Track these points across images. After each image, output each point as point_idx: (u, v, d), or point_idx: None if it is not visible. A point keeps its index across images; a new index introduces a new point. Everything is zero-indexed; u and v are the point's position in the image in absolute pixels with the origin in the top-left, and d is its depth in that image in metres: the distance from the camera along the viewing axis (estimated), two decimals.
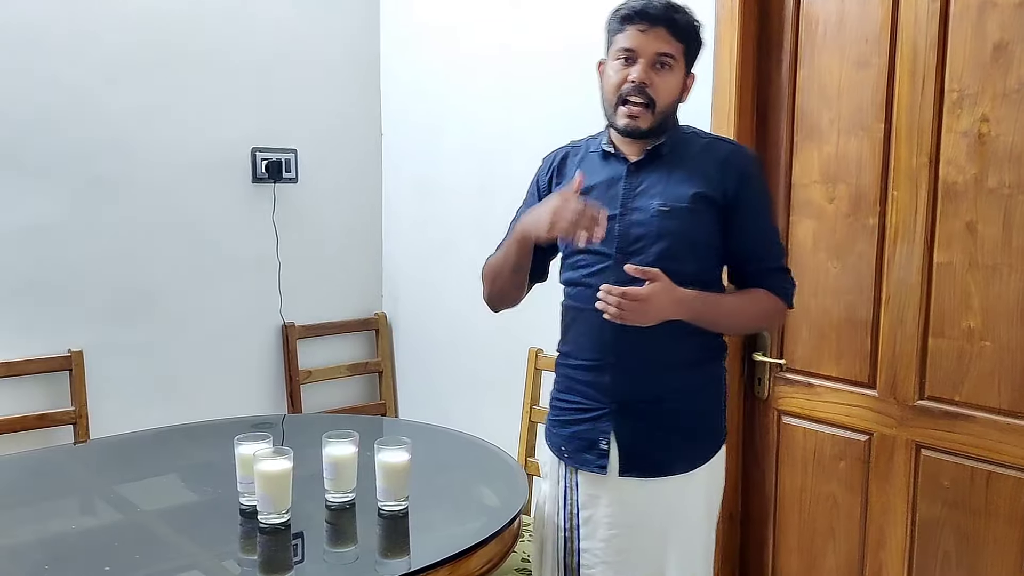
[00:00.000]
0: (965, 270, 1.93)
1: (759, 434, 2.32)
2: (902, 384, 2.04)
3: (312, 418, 2.91)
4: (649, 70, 1.69)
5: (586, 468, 1.77)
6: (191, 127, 2.89)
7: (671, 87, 1.72)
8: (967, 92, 1.90)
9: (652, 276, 1.62)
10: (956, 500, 1.96)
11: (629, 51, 1.69)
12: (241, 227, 3.03)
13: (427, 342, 3.27)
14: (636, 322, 1.63)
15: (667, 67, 1.70)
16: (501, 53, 2.86)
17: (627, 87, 1.69)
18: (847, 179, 2.10)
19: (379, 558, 1.71)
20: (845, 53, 2.09)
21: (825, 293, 2.15)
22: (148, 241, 2.83)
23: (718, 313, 1.74)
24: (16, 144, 2.57)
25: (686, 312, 1.67)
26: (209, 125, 2.92)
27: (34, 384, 2.64)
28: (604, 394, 1.76)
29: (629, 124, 1.71)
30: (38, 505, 1.93)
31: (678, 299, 1.65)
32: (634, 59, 1.69)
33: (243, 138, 3.00)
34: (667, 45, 1.69)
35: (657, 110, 1.70)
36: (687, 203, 1.71)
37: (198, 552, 1.73)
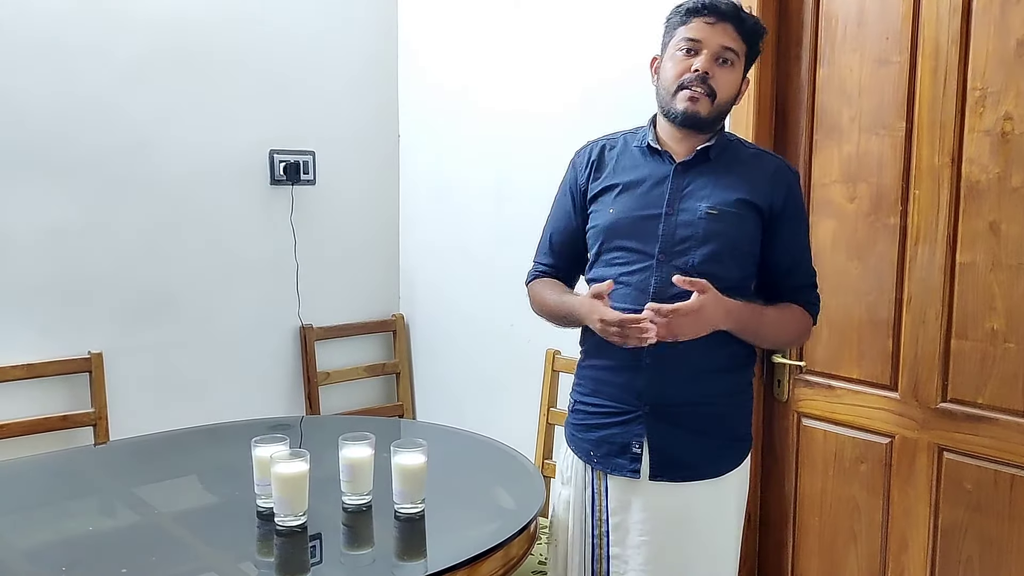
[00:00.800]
0: (988, 270, 1.90)
1: (779, 436, 2.30)
2: (924, 386, 2.01)
3: (330, 420, 2.90)
4: (712, 62, 1.68)
5: (618, 473, 1.75)
6: (209, 130, 2.90)
7: (731, 83, 1.71)
8: (990, 90, 1.87)
9: (701, 287, 1.59)
10: (979, 504, 1.94)
11: (694, 41, 1.68)
12: (259, 229, 3.04)
13: (444, 344, 3.27)
14: (688, 336, 1.61)
15: (729, 63, 1.69)
16: (520, 55, 2.86)
17: (689, 76, 1.68)
18: (868, 178, 2.08)
19: (396, 560, 1.70)
20: (866, 50, 2.06)
21: (846, 294, 2.13)
22: (167, 243, 2.84)
23: (760, 324, 1.72)
24: (37, 148, 2.59)
25: (733, 323, 1.66)
26: (227, 128, 2.93)
27: (54, 386, 2.65)
28: (637, 397, 1.73)
29: (689, 108, 1.68)
30: (57, 506, 1.94)
31: (727, 310, 1.64)
32: (698, 50, 1.68)
33: (261, 140, 3.00)
34: (732, 41, 1.68)
35: (716, 102, 1.69)
36: (734, 208, 1.70)
37: (215, 554, 1.73)
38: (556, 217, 1.92)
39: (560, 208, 1.91)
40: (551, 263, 1.93)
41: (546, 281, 1.92)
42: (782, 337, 1.87)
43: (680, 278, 1.60)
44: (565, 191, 1.91)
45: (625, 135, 1.86)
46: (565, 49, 2.68)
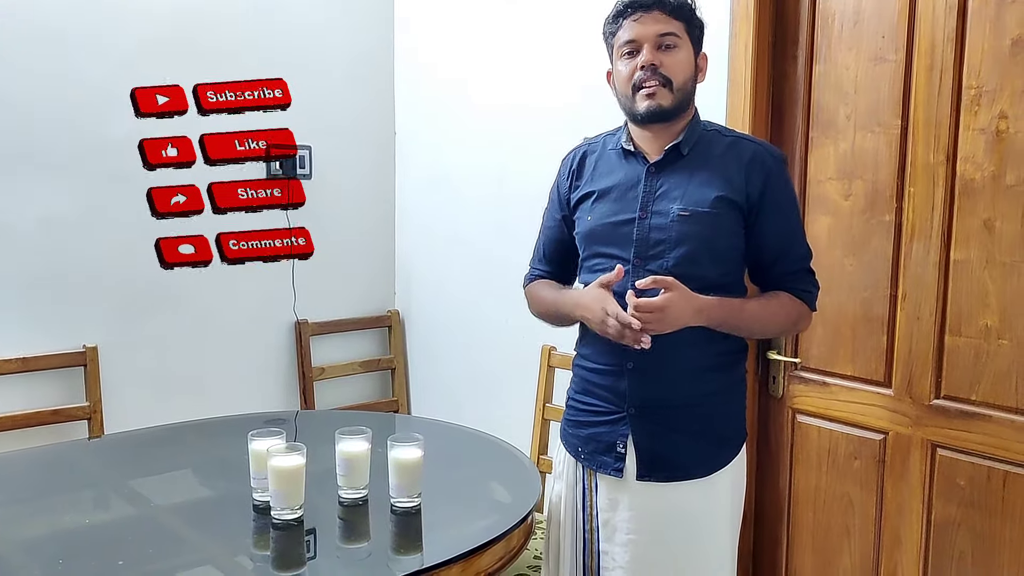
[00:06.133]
0: (982, 268, 1.91)
1: (773, 433, 2.31)
2: (918, 383, 2.02)
3: (325, 414, 2.91)
4: (655, 52, 1.67)
5: (603, 471, 1.75)
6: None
7: (682, 64, 1.69)
8: (985, 88, 1.88)
9: (666, 285, 1.59)
10: (972, 500, 1.95)
11: (631, 43, 1.68)
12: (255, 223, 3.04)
13: (440, 339, 3.27)
14: (656, 331, 1.60)
15: (673, 46, 1.68)
16: (518, 47, 2.86)
17: (639, 74, 1.67)
18: (863, 175, 2.08)
19: (392, 554, 1.71)
20: (862, 48, 2.07)
21: (840, 291, 2.13)
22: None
23: (741, 319, 1.70)
24: (33, 139, 2.58)
25: (706, 320, 1.65)
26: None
27: (49, 380, 2.65)
28: (621, 398, 1.74)
29: (651, 105, 1.67)
30: (52, 500, 1.94)
31: (697, 307, 1.62)
32: (638, 49, 1.68)
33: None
34: (666, 25, 1.67)
35: (675, 87, 1.67)
36: (708, 207, 1.68)
37: (211, 547, 1.73)
38: (547, 225, 1.94)
39: (549, 216, 1.93)
40: (546, 269, 1.95)
41: (543, 282, 1.93)
42: (770, 328, 1.84)
43: (643, 281, 1.59)
44: (553, 198, 1.92)
45: (605, 137, 1.85)
46: (564, 41, 2.68)
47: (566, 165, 1.89)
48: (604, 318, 1.64)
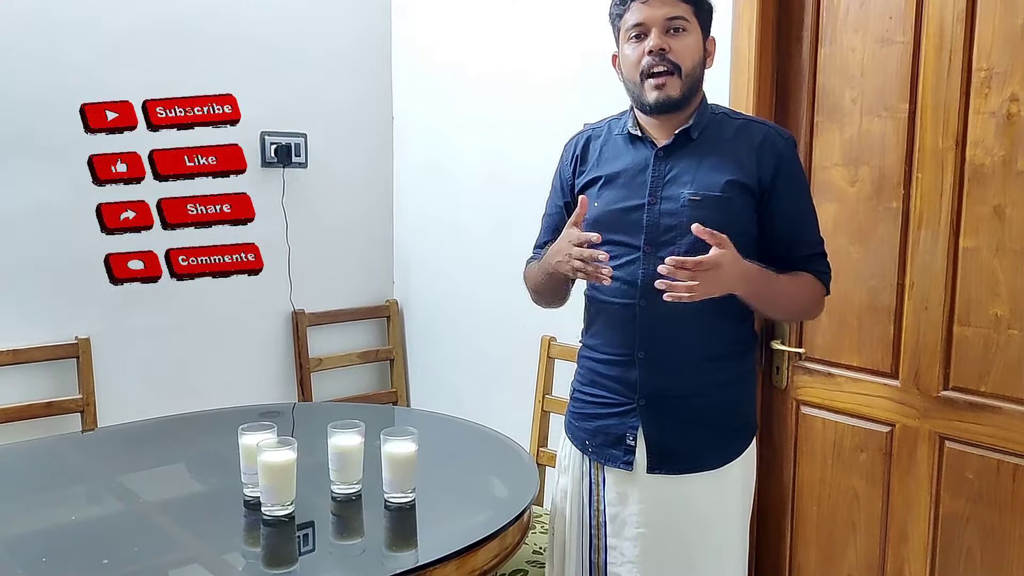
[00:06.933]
0: (992, 255, 1.86)
1: (777, 425, 2.27)
2: (925, 374, 1.97)
3: (322, 407, 2.87)
4: (664, 36, 1.62)
5: (612, 464, 1.72)
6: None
7: (691, 48, 1.64)
8: (996, 71, 1.82)
9: (720, 241, 1.52)
10: (981, 494, 1.90)
11: (639, 26, 1.64)
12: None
13: (439, 330, 3.23)
14: (709, 293, 1.52)
15: (681, 30, 1.63)
16: (518, 32, 2.81)
17: (647, 60, 1.63)
18: (870, 161, 2.03)
19: (386, 551, 1.67)
20: (868, 30, 2.02)
21: (846, 279, 2.08)
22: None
23: (775, 293, 1.65)
24: (22, 126, 2.54)
25: (747, 287, 1.58)
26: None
27: (41, 372, 2.62)
28: (631, 389, 1.70)
29: (659, 96, 1.63)
30: (40, 495, 1.90)
31: (743, 271, 1.56)
32: (646, 32, 1.63)
33: (252, 122, 2.95)
34: (673, 8, 1.62)
35: (684, 74, 1.63)
36: (719, 191, 1.64)
37: (199, 545, 1.70)
38: (549, 212, 1.90)
39: (552, 203, 1.89)
40: None
41: (531, 259, 1.90)
42: (796, 306, 1.77)
43: (699, 227, 1.51)
44: (555, 185, 1.88)
45: (610, 121, 1.81)
46: (563, 23, 2.63)
47: (569, 150, 1.85)
48: (568, 248, 1.60)
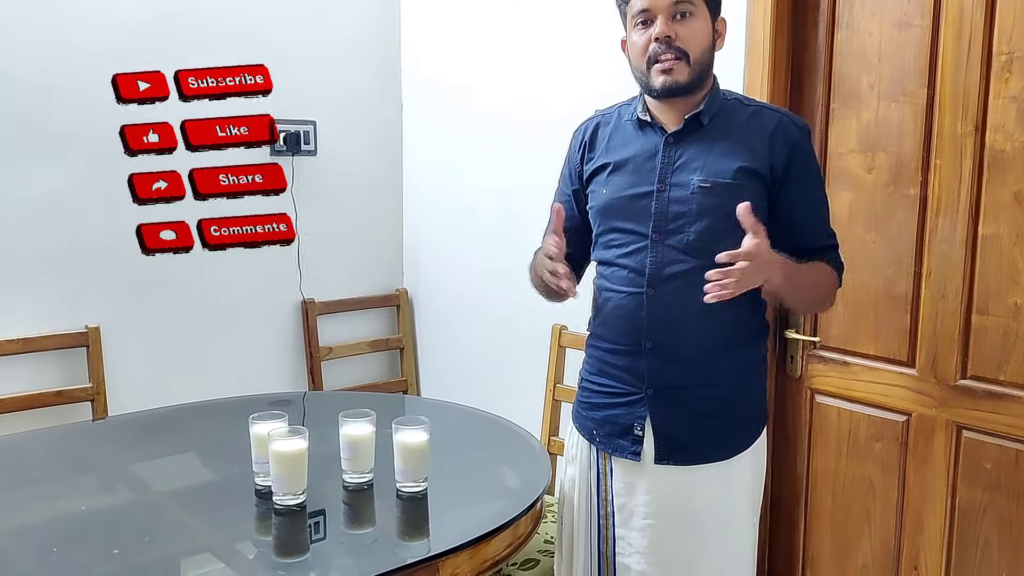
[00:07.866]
0: (1012, 243, 1.83)
1: (791, 414, 2.25)
2: (943, 363, 1.95)
3: (333, 395, 2.86)
4: (670, 22, 1.59)
5: (619, 454, 1.70)
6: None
7: (699, 33, 1.61)
8: (1017, 54, 1.79)
9: (758, 230, 1.47)
10: (998, 484, 1.88)
11: (645, 12, 1.60)
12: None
13: (449, 318, 3.22)
14: (749, 285, 1.48)
15: (688, 15, 1.60)
16: (526, 22, 2.78)
17: (654, 47, 1.60)
18: (887, 147, 2.01)
19: (398, 540, 1.66)
20: (886, 13, 1.98)
21: (863, 267, 2.06)
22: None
23: (801, 281, 1.61)
24: (32, 116, 2.53)
25: (783, 275, 1.54)
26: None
27: (51, 360, 2.61)
28: (639, 379, 1.68)
29: (667, 81, 1.60)
30: (50, 484, 1.90)
31: (775, 258, 1.52)
32: (652, 18, 1.60)
33: (260, 110, 2.93)
34: None
35: (692, 60, 1.60)
36: (730, 178, 1.61)
37: (210, 534, 1.69)
38: (558, 200, 1.86)
39: (560, 191, 1.87)
40: None
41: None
42: (815, 296, 1.73)
43: (747, 208, 1.47)
44: (564, 172, 1.85)
45: (620, 107, 1.78)
46: (574, 17, 2.60)
47: (578, 137, 1.83)
48: (543, 261, 1.64)
